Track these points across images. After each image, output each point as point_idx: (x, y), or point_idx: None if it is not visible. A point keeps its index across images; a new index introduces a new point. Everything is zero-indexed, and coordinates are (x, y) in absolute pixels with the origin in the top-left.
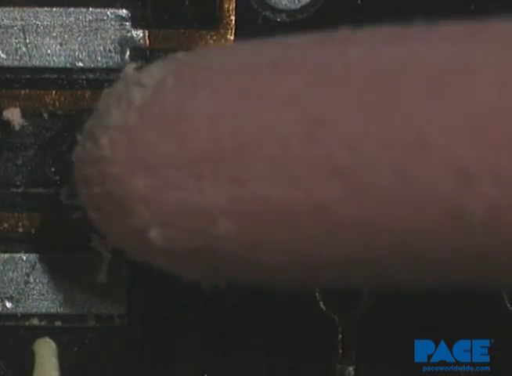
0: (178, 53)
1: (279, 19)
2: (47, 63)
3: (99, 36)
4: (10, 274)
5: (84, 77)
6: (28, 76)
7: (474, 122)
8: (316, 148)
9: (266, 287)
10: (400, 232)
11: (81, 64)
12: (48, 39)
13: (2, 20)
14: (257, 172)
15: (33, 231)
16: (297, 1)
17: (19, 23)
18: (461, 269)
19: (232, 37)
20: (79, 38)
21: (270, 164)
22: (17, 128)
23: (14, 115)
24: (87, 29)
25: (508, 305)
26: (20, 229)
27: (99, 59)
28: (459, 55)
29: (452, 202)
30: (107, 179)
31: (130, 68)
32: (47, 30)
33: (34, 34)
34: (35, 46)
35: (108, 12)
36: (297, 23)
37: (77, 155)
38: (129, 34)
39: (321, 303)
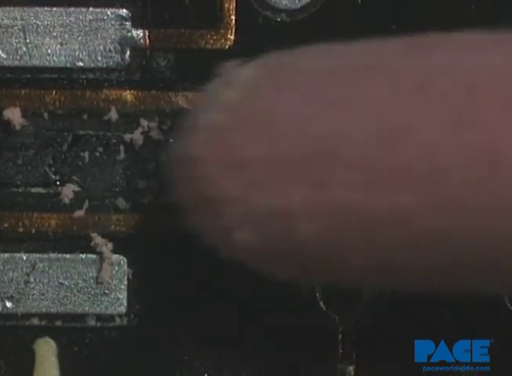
0: (270, 54)
1: (279, 19)
2: (47, 63)
3: (99, 36)
4: (10, 274)
5: (84, 76)
6: (28, 76)
7: None
8: (394, 156)
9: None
10: (476, 243)
11: (81, 64)
12: (48, 39)
13: (2, 20)
14: (338, 177)
15: (33, 231)
16: (297, 1)
17: (19, 22)
18: None
19: (232, 37)
20: (79, 38)
21: (350, 169)
22: (17, 127)
23: (14, 115)
24: (87, 29)
25: (508, 305)
26: (20, 229)
27: (100, 58)
28: None
29: None
30: (198, 179)
31: (224, 68)
32: (47, 30)
33: (35, 34)
34: (35, 46)
35: (108, 12)
36: (298, 22)
37: (168, 154)
38: (129, 34)
39: (321, 303)
